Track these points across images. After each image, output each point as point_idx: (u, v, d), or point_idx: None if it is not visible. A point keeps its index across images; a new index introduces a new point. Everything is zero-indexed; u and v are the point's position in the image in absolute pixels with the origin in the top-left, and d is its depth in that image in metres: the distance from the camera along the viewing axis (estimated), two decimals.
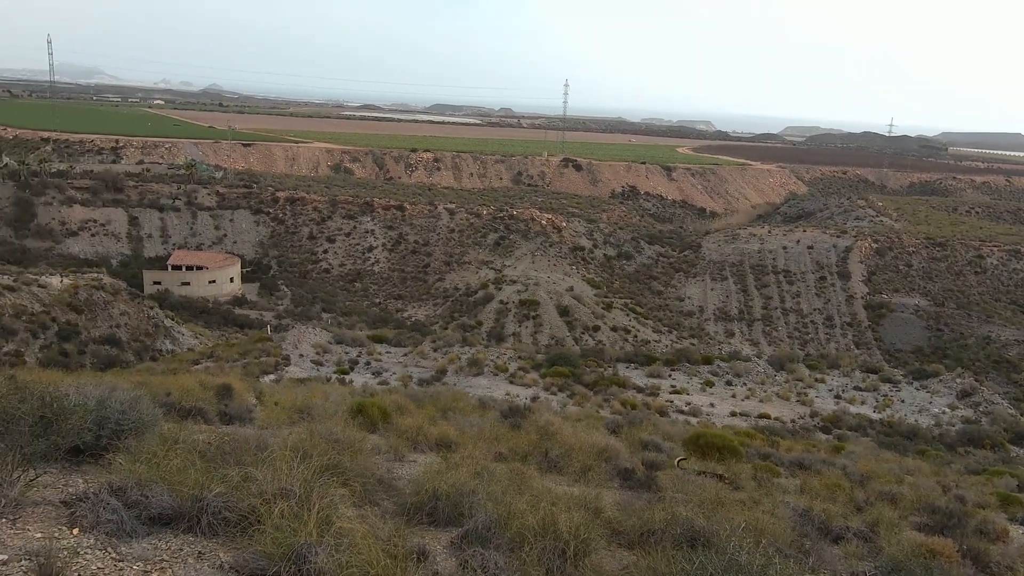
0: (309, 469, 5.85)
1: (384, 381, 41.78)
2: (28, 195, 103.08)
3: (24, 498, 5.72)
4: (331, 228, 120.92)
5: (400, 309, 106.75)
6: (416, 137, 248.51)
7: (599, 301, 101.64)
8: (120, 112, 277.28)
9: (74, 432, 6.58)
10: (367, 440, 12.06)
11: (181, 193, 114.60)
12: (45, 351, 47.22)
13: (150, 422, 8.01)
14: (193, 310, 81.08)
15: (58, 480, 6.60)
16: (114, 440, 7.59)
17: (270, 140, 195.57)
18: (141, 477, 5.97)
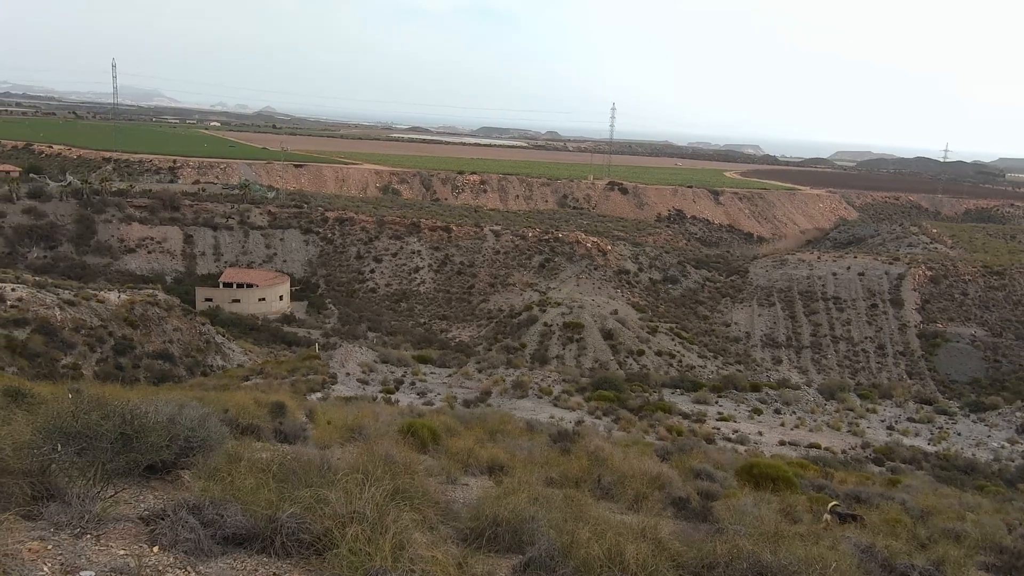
0: (380, 492, 5.94)
1: (429, 402, 41.95)
2: (89, 213, 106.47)
3: (105, 514, 5.90)
4: (378, 248, 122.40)
5: (445, 330, 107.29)
6: (463, 159, 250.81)
7: (644, 325, 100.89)
8: (178, 133, 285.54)
9: (153, 449, 6.79)
10: (420, 461, 12.16)
11: (234, 212, 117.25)
12: (101, 364, 48.50)
13: (218, 440, 8.22)
14: (243, 327, 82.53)
15: (133, 496, 6.80)
16: (184, 457, 7.81)
17: (321, 161, 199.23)
18: (215, 495, 6.12)
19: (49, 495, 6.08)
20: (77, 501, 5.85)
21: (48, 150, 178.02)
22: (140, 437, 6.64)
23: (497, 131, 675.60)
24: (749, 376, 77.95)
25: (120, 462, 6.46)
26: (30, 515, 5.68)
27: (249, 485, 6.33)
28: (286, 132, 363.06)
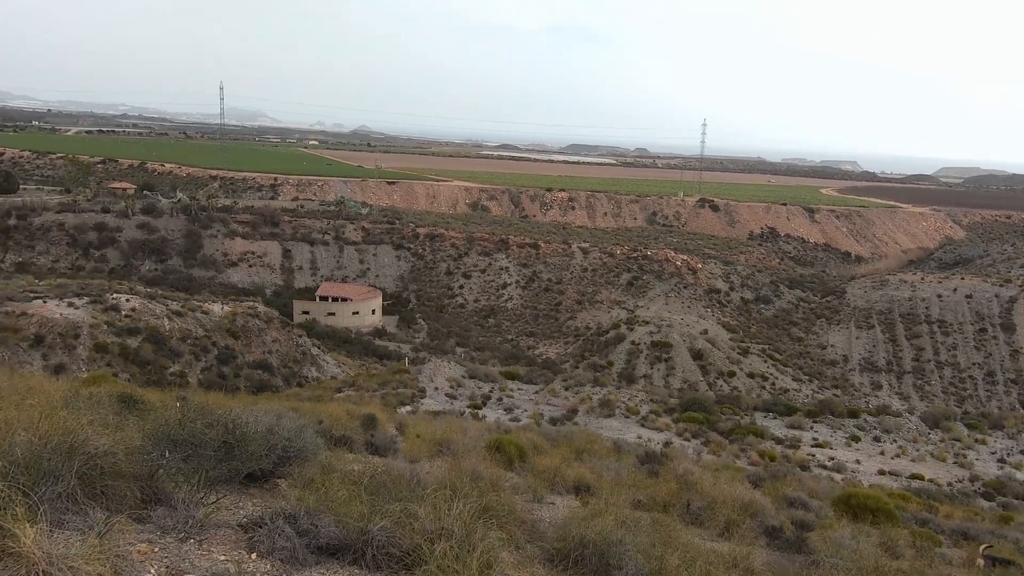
0: (468, 509, 5.99)
1: (516, 418, 42.00)
2: (197, 228, 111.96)
3: (208, 520, 6.16)
4: (467, 264, 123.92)
5: (532, 346, 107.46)
6: (551, 176, 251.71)
7: (735, 346, 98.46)
8: (279, 152, 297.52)
9: (253, 458, 7.05)
10: (506, 478, 12.18)
11: (330, 228, 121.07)
12: (205, 373, 50.75)
13: (313, 450, 8.46)
14: (337, 339, 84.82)
15: (233, 503, 7.07)
16: (281, 466, 8.08)
17: (413, 178, 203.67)
18: (310, 506, 6.30)
19: (156, 499, 6.40)
20: (182, 506, 6.13)
21: (161, 168, 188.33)
22: (241, 446, 6.91)
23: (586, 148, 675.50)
24: (846, 401, 74.89)
25: (222, 470, 6.74)
26: (139, 518, 5.98)
27: (342, 496, 6.49)
28: (380, 150, 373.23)
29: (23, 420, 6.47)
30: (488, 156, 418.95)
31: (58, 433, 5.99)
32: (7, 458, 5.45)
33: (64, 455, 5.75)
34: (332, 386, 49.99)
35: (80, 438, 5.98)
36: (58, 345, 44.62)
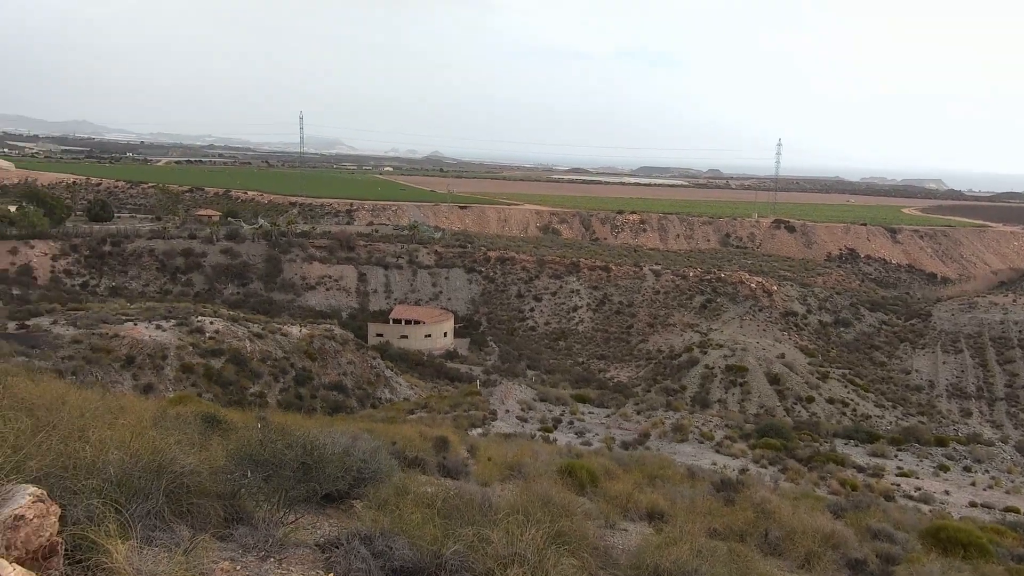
0: (541, 535, 5.98)
1: (587, 442, 41.65)
2: (276, 253, 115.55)
3: (287, 539, 6.32)
4: (538, 287, 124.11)
5: (603, 369, 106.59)
6: (622, 199, 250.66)
7: (813, 370, 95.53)
8: (355, 178, 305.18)
9: (330, 480, 7.21)
10: (578, 503, 12.09)
11: (404, 252, 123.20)
12: (284, 393, 52.08)
13: (387, 472, 8.60)
14: (410, 362, 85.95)
15: (310, 523, 7.24)
16: (356, 487, 8.23)
17: (484, 203, 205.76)
18: (385, 527, 6.40)
19: (238, 518, 6.60)
20: (263, 525, 6.31)
21: (244, 196, 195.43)
22: (319, 467, 7.08)
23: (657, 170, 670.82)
24: (933, 429, 71.69)
25: (301, 490, 6.92)
26: (222, 536, 6.18)
27: (416, 519, 6.56)
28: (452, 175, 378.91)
29: (115, 439, 6.78)
30: (559, 180, 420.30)
31: (148, 452, 6.25)
32: (101, 476, 5.72)
33: (153, 474, 6.00)
34: (405, 408, 50.60)
35: (168, 457, 6.23)
36: (147, 366, 46.52)
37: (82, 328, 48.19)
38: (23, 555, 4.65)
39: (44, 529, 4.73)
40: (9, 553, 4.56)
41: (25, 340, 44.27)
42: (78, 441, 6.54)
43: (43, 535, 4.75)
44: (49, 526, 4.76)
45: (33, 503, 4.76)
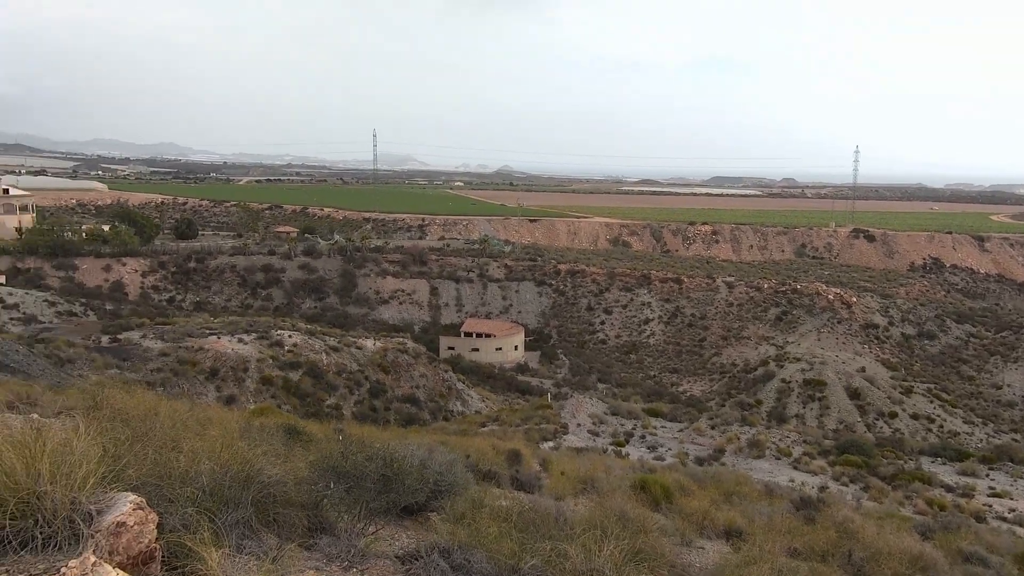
0: (619, 551, 5.98)
1: (660, 456, 41.12)
2: (351, 267, 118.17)
3: (368, 550, 6.48)
4: (608, 300, 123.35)
5: (675, 383, 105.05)
6: (694, 210, 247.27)
7: (896, 385, 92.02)
8: (426, 193, 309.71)
9: (409, 492, 7.37)
10: (653, 520, 11.97)
11: (474, 266, 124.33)
12: (358, 406, 53.09)
13: (463, 485, 8.72)
14: (481, 375, 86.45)
15: (389, 535, 7.40)
16: (433, 499, 8.37)
17: (554, 216, 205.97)
18: (463, 540, 6.49)
19: (321, 528, 6.81)
20: (345, 536, 6.49)
21: (320, 212, 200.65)
22: (398, 479, 7.24)
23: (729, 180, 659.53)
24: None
25: (381, 502, 7.08)
26: (307, 545, 6.38)
27: (493, 533, 6.63)
28: (522, 189, 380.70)
29: (206, 449, 7.08)
30: (628, 192, 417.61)
31: (237, 463, 6.51)
32: (194, 485, 5.99)
33: (242, 484, 6.24)
34: (476, 420, 50.92)
35: (255, 468, 6.48)
36: (230, 378, 48.13)
37: (169, 342, 50.23)
38: (124, 560, 4.88)
39: (144, 536, 4.97)
40: (112, 558, 4.80)
41: (117, 353, 46.41)
42: (172, 451, 6.85)
43: (143, 541, 4.98)
44: (148, 533, 4.99)
45: (134, 510, 5.01)
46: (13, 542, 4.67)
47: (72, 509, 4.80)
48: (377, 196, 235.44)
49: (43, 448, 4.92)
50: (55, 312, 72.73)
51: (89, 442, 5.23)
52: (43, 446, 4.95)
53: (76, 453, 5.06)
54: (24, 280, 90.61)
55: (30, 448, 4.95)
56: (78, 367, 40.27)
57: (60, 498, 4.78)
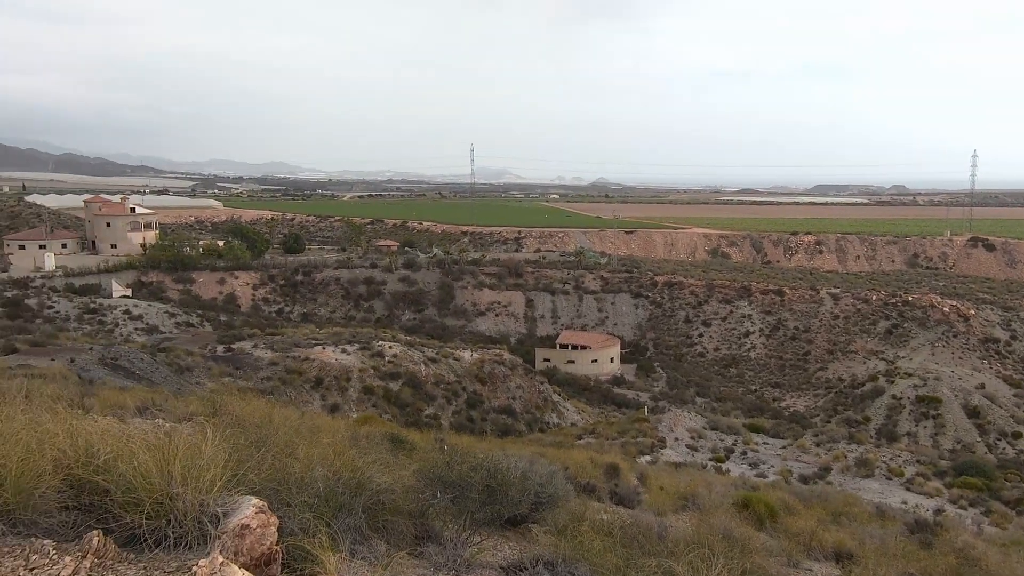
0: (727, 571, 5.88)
1: (762, 474, 39.96)
2: (449, 280, 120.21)
3: (473, 560, 6.60)
4: (707, 312, 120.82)
5: (777, 398, 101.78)
6: (796, 220, 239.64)
7: (1020, 403, 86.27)
8: (522, 206, 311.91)
9: (513, 504, 7.47)
10: (758, 539, 11.68)
11: (570, 278, 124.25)
12: (456, 416, 53.87)
13: (563, 497, 8.76)
14: (576, 387, 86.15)
15: (491, 545, 7.51)
16: (534, 511, 8.45)
17: (650, 227, 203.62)
18: (567, 553, 6.53)
19: (428, 536, 6.99)
20: (451, 545, 6.64)
21: (419, 226, 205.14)
22: (502, 491, 7.35)
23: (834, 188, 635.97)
24: None
25: (486, 512, 7.21)
26: (414, 553, 6.57)
27: (597, 547, 6.65)
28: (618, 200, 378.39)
29: (318, 456, 7.38)
30: (728, 201, 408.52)
31: (348, 470, 6.77)
32: (309, 491, 6.26)
33: (353, 490, 6.49)
34: (573, 433, 50.77)
35: (366, 475, 6.72)
36: (334, 387, 49.77)
37: (278, 351, 52.38)
38: (248, 561, 5.13)
39: (265, 538, 5.23)
40: (236, 558, 5.06)
41: (231, 361, 48.73)
42: (287, 457, 7.18)
43: (264, 544, 5.24)
44: (270, 536, 5.25)
45: (256, 514, 5.28)
46: (148, 540, 4.99)
47: (201, 511, 5.09)
48: (474, 210, 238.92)
49: (175, 452, 5.24)
50: (175, 323, 77.04)
51: (215, 447, 5.54)
52: (175, 450, 5.27)
53: (204, 457, 5.36)
54: (147, 292, 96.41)
55: (163, 451, 5.28)
56: (196, 375, 42.52)
57: (190, 500, 5.08)
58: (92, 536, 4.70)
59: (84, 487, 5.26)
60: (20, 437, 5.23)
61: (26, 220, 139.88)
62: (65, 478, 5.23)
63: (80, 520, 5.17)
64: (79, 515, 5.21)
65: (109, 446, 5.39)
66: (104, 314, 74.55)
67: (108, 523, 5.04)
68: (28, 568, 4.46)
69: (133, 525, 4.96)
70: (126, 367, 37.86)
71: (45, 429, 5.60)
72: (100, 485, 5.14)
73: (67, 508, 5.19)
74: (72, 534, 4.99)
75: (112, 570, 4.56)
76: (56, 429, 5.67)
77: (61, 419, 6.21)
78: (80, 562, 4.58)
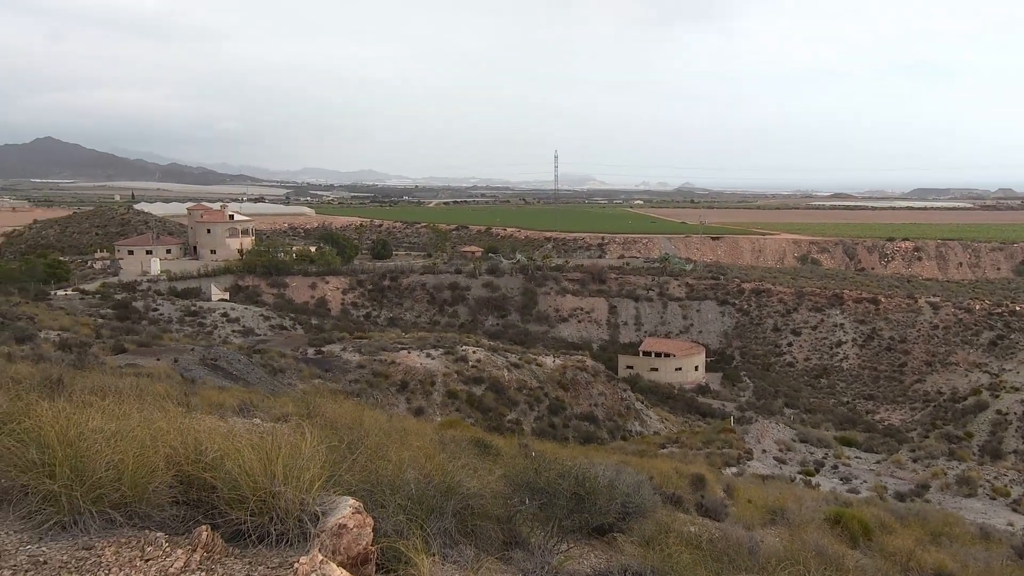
0: None
1: (854, 489, 38.57)
2: (532, 286, 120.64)
3: (561, 567, 6.63)
4: (796, 321, 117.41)
5: (871, 411, 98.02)
6: (893, 225, 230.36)
7: None
8: (606, 212, 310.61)
9: (601, 512, 7.47)
10: (852, 557, 11.30)
11: (654, 284, 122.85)
12: (538, 422, 53.93)
13: (650, 507, 8.69)
14: (660, 395, 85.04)
15: (578, 553, 7.51)
16: (620, 520, 8.41)
17: (737, 233, 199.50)
18: (655, 564, 6.48)
19: (515, 542, 7.05)
20: (538, 551, 6.68)
21: (503, 232, 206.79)
22: (590, 499, 7.36)
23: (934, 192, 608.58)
24: None
25: (573, 520, 7.23)
26: (502, 558, 6.63)
27: (686, 560, 6.57)
28: (704, 206, 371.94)
29: (408, 459, 7.55)
30: (819, 206, 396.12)
31: (438, 473, 6.91)
32: (402, 493, 6.42)
33: (443, 494, 6.61)
34: (656, 442, 50.10)
35: (455, 479, 6.84)
36: (418, 390, 50.63)
37: (366, 355, 53.66)
38: (344, 560, 5.29)
39: (361, 538, 5.38)
40: (334, 557, 5.23)
41: (321, 364, 50.23)
42: (379, 459, 7.36)
43: (360, 544, 5.39)
44: (365, 536, 5.40)
45: (353, 514, 5.44)
46: (252, 536, 5.21)
47: (301, 509, 5.29)
48: (557, 216, 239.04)
49: (277, 451, 5.45)
50: (269, 325, 79.93)
51: (313, 447, 5.73)
52: (277, 449, 5.48)
53: (303, 457, 5.56)
54: (244, 296, 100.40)
55: (266, 451, 5.50)
56: (288, 376, 44.00)
57: (291, 498, 5.28)
58: (201, 530, 4.95)
59: (193, 483, 5.53)
60: (136, 434, 5.53)
61: (135, 227, 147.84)
62: (176, 474, 5.50)
63: (189, 515, 5.44)
64: (188, 510, 5.48)
65: (216, 444, 5.65)
66: (204, 316, 78.01)
67: (214, 519, 5.27)
68: (144, 559, 4.73)
69: (238, 521, 5.17)
70: (224, 368, 39.53)
71: (158, 427, 5.88)
72: (208, 482, 5.40)
73: (177, 503, 5.46)
74: (182, 528, 5.25)
75: (220, 564, 4.78)
76: (167, 427, 5.95)
77: (172, 417, 6.54)
78: (191, 555, 4.83)
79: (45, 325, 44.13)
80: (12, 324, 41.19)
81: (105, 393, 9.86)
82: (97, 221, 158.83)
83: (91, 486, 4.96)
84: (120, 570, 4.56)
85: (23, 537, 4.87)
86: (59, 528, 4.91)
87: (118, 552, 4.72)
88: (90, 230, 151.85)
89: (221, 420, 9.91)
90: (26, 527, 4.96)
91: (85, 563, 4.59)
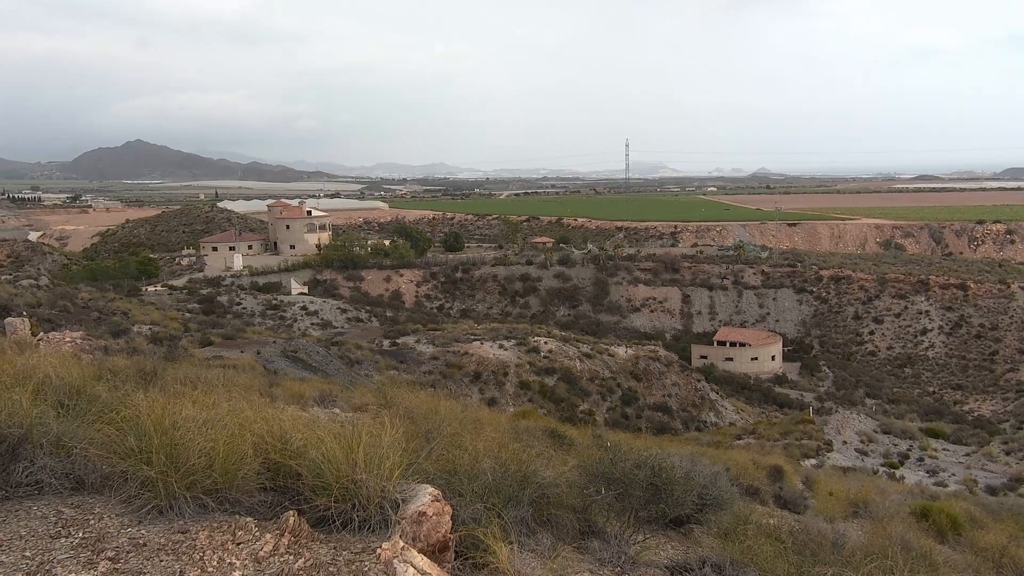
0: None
1: (941, 482, 37.15)
2: (604, 276, 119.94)
3: (638, 558, 6.62)
4: (879, 308, 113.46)
5: (959, 401, 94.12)
6: (983, 207, 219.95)
7: None
8: (679, 200, 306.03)
9: (678, 503, 7.42)
10: (940, 552, 10.92)
11: (728, 273, 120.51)
12: (610, 412, 53.72)
13: (728, 499, 8.56)
14: (735, 385, 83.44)
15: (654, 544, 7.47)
16: (697, 512, 8.32)
17: (815, 219, 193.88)
18: (735, 557, 6.41)
19: (591, 532, 7.07)
20: (615, 541, 6.68)
21: (573, 222, 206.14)
22: (667, 489, 7.32)
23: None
24: None
25: (650, 511, 7.20)
26: (578, 547, 6.67)
27: (767, 552, 6.47)
28: (780, 192, 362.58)
29: (484, 448, 7.64)
30: (902, 189, 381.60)
31: (514, 462, 6.98)
32: (479, 482, 6.51)
33: (519, 483, 6.68)
34: (731, 433, 49.25)
35: (531, 469, 6.90)
36: (491, 381, 51.03)
37: (439, 346, 54.36)
38: (424, 547, 5.41)
39: (441, 526, 5.49)
40: (414, 544, 5.35)
41: (396, 355, 51.14)
42: (456, 449, 7.48)
43: (439, 531, 5.51)
44: (444, 524, 5.51)
45: (432, 502, 5.56)
46: (336, 522, 5.38)
47: (382, 496, 5.44)
48: (629, 205, 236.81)
49: (359, 440, 5.61)
50: (346, 318, 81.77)
51: (393, 436, 5.87)
52: (359, 438, 5.64)
53: (383, 446, 5.70)
54: (322, 290, 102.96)
55: (348, 440, 5.67)
56: (364, 367, 44.93)
57: (373, 486, 5.43)
58: (288, 516, 5.14)
59: (279, 470, 5.75)
60: (225, 423, 5.78)
61: (218, 224, 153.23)
62: (263, 461, 5.72)
63: (276, 500, 5.66)
64: (275, 496, 5.71)
65: (300, 433, 5.85)
66: (284, 310, 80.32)
67: (300, 504, 5.47)
68: (235, 542, 4.94)
69: (322, 507, 5.35)
70: (304, 359, 40.65)
71: (245, 416, 6.12)
72: (293, 469, 5.60)
73: (265, 489, 5.69)
74: (270, 513, 5.47)
75: (307, 548, 4.96)
76: (254, 416, 6.19)
77: (257, 407, 6.79)
78: (279, 539, 5.03)
79: (137, 319, 46.16)
80: (108, 319, 43.25)
81: (195, 384, 10.33)
82: (184, 219, 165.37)
83: (185, 472, 5.21)
84: (213, 553, 4.78)
85: (124, 520, 5.15)
86: (156, 512, 5.17)
87: (211, 536, 4.94)
88: (177, 228, 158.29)
89: (303, 410, 10.24)
90: (126, 511, 5.24)
91: (181, 546, 4.82)
